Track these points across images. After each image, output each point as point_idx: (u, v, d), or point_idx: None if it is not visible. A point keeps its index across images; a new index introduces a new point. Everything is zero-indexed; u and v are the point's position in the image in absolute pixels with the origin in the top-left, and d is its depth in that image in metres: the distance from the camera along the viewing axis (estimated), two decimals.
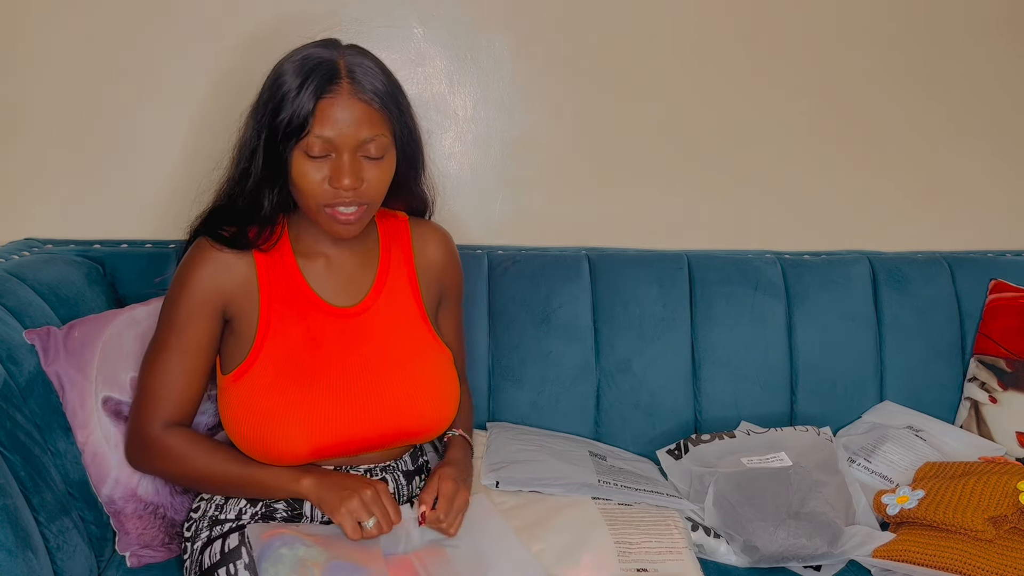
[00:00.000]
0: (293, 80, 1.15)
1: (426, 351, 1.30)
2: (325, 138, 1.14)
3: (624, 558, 1.27)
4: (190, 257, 1.25)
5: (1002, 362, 1.76)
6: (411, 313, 1.31)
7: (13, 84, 1.61)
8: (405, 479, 1.31)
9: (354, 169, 1.16)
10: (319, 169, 1.16)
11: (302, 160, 1.16)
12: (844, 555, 1.38)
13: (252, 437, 1.20)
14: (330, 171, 1.16)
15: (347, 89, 1.15)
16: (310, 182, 1.17)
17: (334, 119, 1.14)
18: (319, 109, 1.13)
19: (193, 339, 1.23)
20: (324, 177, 1.16)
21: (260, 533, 1.15)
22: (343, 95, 1.14)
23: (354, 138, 1.15)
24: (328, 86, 1.14)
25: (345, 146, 1.15)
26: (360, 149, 1.16)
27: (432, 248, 1.36)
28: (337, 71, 1.15)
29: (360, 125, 1.15)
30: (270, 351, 1.22)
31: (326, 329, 1.25)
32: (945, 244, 1.95)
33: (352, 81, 1.15)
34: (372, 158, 1.18)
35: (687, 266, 1.76)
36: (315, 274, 1.28)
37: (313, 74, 1.14)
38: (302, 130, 1.14)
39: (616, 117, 1.79)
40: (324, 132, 1.14)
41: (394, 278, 1.31)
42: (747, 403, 1.73)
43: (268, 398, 1.20)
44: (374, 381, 1.24)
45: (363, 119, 1.15)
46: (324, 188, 1.17)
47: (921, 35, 1.87)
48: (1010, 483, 1.39)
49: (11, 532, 1.05)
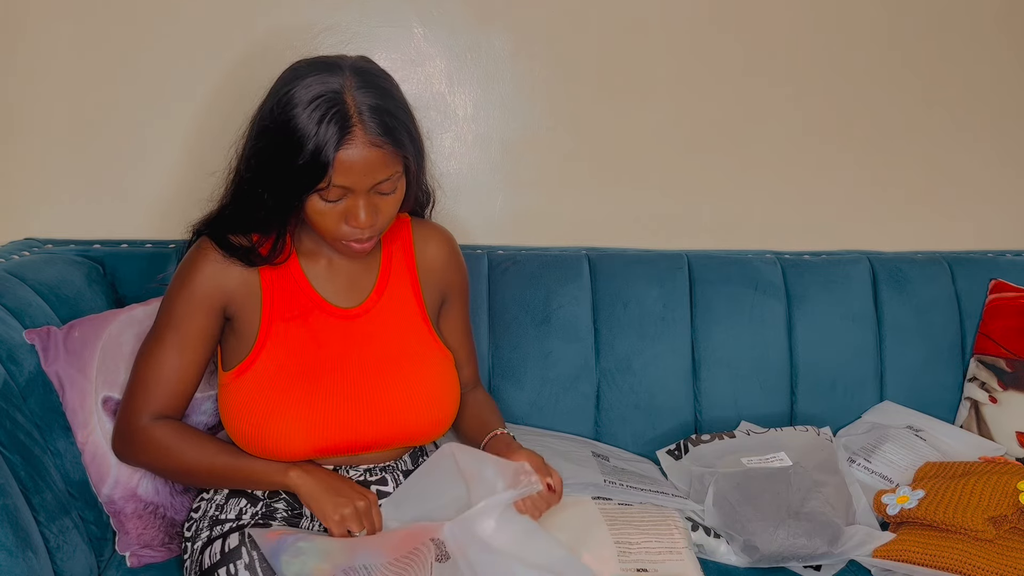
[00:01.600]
0: (306, 122, 1.12)
1: (427, 353, 1.30)
2: (341, 186, 1.14)
3: (624, 558, 1.27)
4: (193, 256, 1.25)
5: (1002, 362, 1.76)
6: (412, 314, 1.31)
7: (13, 84, 1.61)
8: (405, 479, 1.31)
9: (369, 208, 1.16)
10: (333, 209, 1.16)
11: (317, 201, 1.16)
12: (844, 555, 1.38)
13: (252, 434, 1.20)
14: (346, 210, 1.16)
15: (361, 136, 1.12)
16: (326, 221, 1.17)
17: (349, 167, 1.12)
18: (336, 160, 1.12)
19: (190, 334, 1.23)
20: (340, 215, 1.16)
21: (264, 534, 1.15)
22: (358, 143, 1.12)
23: (370, 182, 1.15)
24: (344, 136, 1.11)
25: (361, 189, 1.15)
26: (374, 188, 1.16)
27: (433, 249, 1.36)
28: (348, 115, 1.12)
29: (376, 170, 1.14)
30: (272, 350, 1.22)
31: (328, 329, 1.25)
32: (945, 244, 1.95)
33: (364, 125, 1.12)
34: (386, 193, 1.18)
35: (687, 266, 1.76)
36: (317, 274, 1.28)
37: (326, 119, 1.11)
38: (319, 180, 1.12)
39: (616, 117, 1.79)
40: (340, 181, 1.13)
41: (396, 279, 1.32)
42: (747, 403, 1.73)
43: (269, 396, 1.20)
44: (374, 382, 1.24)
45: (378, 164, 1.14)
46: (340, 227, 1.17)
47: (921, 35, 1.87)
48: (1010, 483, 1.39)
49: (11, 532, 1.05)
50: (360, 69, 1.17)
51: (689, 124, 1.82)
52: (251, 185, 1.19)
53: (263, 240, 1.24)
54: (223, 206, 1.26)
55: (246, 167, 1.19)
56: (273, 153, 1.15)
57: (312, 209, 1.16)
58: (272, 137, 1.15)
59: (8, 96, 1.61)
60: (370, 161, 1.13)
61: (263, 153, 1.16)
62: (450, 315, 1.40)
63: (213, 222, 1.26)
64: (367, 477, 1.28)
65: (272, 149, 1.15)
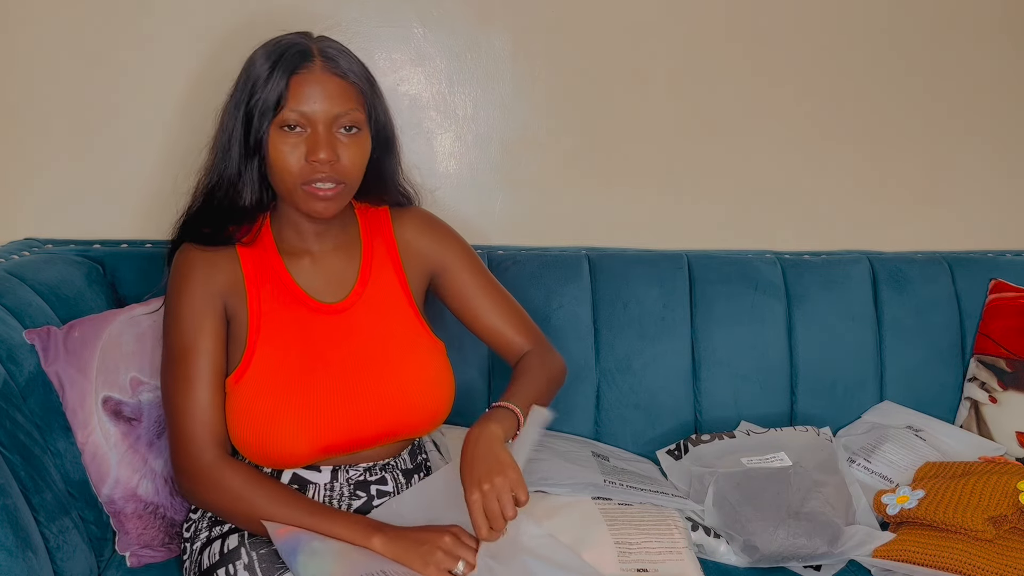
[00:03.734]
0: (264, 63, 1.18)
1: (416, 343, 1.29)
2: (299, 111, 1.16)
3: (624, 558, 1.27)
4: (178, 265, 1.24)
5: (1002, 362, 1.76)
6: (399, 305, 1.30)
7: (13, 84, 1.61)
8: (404, 477, 1.31)
9: (329, 143, 1.17)
10: (296, 147, 1.18)
11: (278, 138, 1.18)
12: (844, 555, 1.38)
13: (253, 441, 1.20)
14: (306, 146, 1.18)
15: (320, 65, 1.18)
16: (287, 160, 1.18)
17: (308, 93, 1.16)
18: (292, 84, 1.16)
19: (208, 352, 1.21)
20: (301, 154, 1.18)
21: (276, 529, 1.14)
22: (316, 70, 1.18)
23: (328, 112, 1.17)
24: (301, 63, 1.17)
25: (320, 119, 1.17)
26: (335, 123, 1.18)
27: (409, 229, 1.35)
28: (309, 51, 1.19)
29: (334, 99, 1.17)
30: (264, 351, 1.22)
31: (316, 326, 1.25)
32: (945, 244, 1.95)
33: (325, 58, 1.19)
34: (347, 131, 1.19)
35: (687, 266, 1.76)
36: (301, 271, 1.28)
37: (285, 54, 1.18)
38: (277, 106, 1.16)
39: (616, 117, 1.79)
40: (299, 106, 1.16)
41: (379, 271, 1.31)
42: (747, 403, 1.73)
43: (266, 403, 1.19)
44: (367, 378, 1.24)
45: (336, 93, 1.18)
46: (301, 165, 1.18)
47: (922, 35, 1.87)
48: (1010, 483, 1.39)
49: (11, 532, 1.05)
50: (325, 37, 1.24)
51: (689, 124, 1.82)
52: (224, 146, 1.22)
53: (237, 230, 1.26)
54: (193, 200, 1.28)
55: (220, 129, 1.24)
56: (239, 100, 1.20)
57: (274, 150, 1.18)
58: (240, 90, 1.20)
59: (8, 96, 1.61)
60: (328, 88, 1.17)
61: (229, 105, 1.22)
62: (461, 282, 1.36)
63: (184, 225, 1.28)
64: (367, 476, 1.27)
65: (238, 97, 1.20)
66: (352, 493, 1.26)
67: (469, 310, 1.37)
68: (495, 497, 1.10)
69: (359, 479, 1.27)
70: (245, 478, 1.18)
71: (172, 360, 1.22)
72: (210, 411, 1.20)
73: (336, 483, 1.25)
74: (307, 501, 1.19)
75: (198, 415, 1.19)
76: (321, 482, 1.25)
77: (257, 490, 1.17)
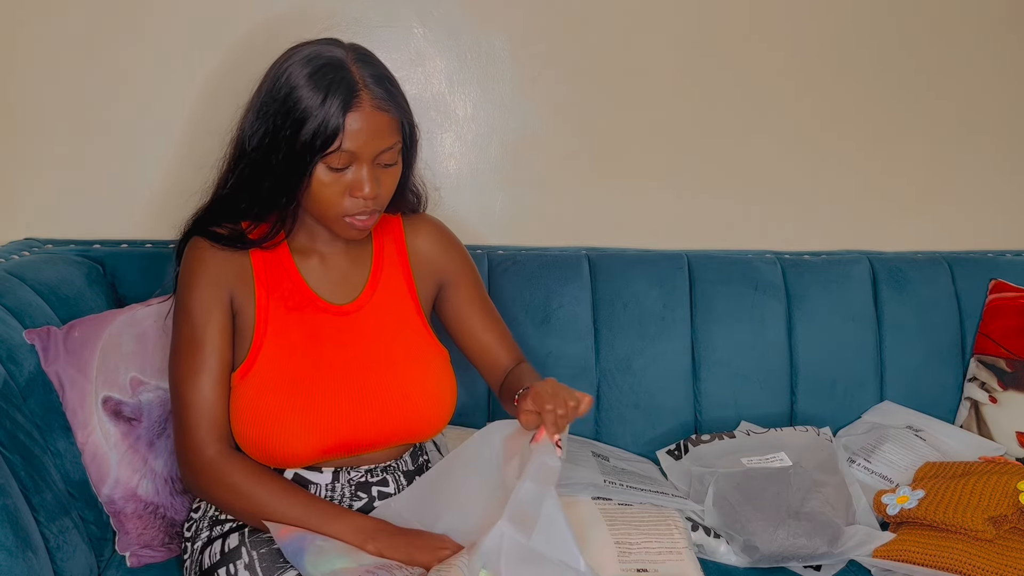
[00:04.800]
0: (311, 93, 1.13)
1: (422, 349, 1.29)
2: (349, 151, 1.14)
3: (624, 558, 1.27)
4: (189, 257, 1.25)
5: (1002, 362, 1.76)
6: (407, 310, 1.30)
7: (13, 84, 1.61)
8: (406, 479, 1.31)
9: (373, 179, 1.16)
10: (338, 180, 1.16)
11: (324, 174, 1.16)
12: (844, 555, 1.38)
13: (256, 439, 1.19)
14: (351, 182, 1.16)
15: (368, 100, 1.14)
16: (331, 194, 1.17)
17: (358, 132, 1.13)
18: (347, 124, 1.13)
19: (215, 345, 1.21)
20: (343, 188, 1.16)
21: (279, 530, 1.14)
22: (366, 107, 1.14)
23: (375, 149, 1.15)
24: (352, 99, 1.13)
25: (366, 158, 1.15)
26: (378, 158, 1.17)
27: (423, 239, 1.36)
28: (355, 81, 1.14)
29: (381, 135, 1.15)
30: (270, 348, 1.22)
31: (323, 326, 1.25)
32: (945, 244, 1.95)
33: (370, 91, 1.15)
34: (388, 165, 1.19)
35: (687, 266, 1.76)
36: (311, 271, 1.28)
37: (333, 86, 1.13)
38: (330, 144, 1.13)
39: (616, 117, 1.79)
40: (350, 146, 1.14)
41: (388, 275, 1.31)
42: (747, 403, 1.73)
43: (271, 402, 1.19)
44: (371, 380, 1.24)
45: (384, 129, 1.16)
46: (344, 199, 1.17)
47: (923, 35, 1.87)
48: (1010, 483, 1.39)
49: (11, 532, 1.05)
50: (355, 46, 1.20)
51: (689, 124, 1.82)
52: (256, 167, 1.18)
53: (252, 227, 1.25)
54: (217, 194, 1.25)
55: (252, 148, 1.18)
56: (281, 126, 1.14)
57: (318, 181, 1.16)
58: (278, 111, 1.15)
59: (8, 96, 1.61)
60: (376, 125, 1.15)
61: (270, 130, 1.16)
62: (462, 298, 1.37)
63: (202, 218, 1.26)
64: (368, 478, 1.27)
65: (279, 123, 1.15)
66: (353, 494, 1.25)
67: (464, 326, 1.38)
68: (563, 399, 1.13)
69: (360, 480, 1.27)
70: (247, 472, 1.18)
71: (179, 351, 1.22)
72: (215, 405, 1.20)
73: (337, 484, 1.25)
74: (308, 497, 1.19)
75: (203, 408, 1.19)
76: (322, 483, 1.25)
77: (258, 485, 1.18)
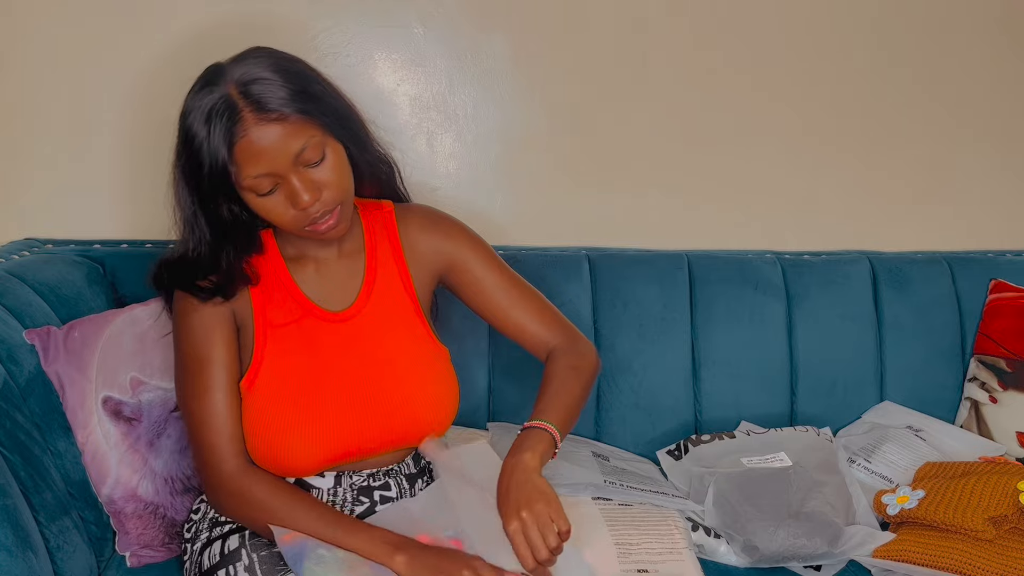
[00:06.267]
0: (201, 132, 1.09)
1: (421, 350, 1.28)
2: (259, 176, 1.09)
3: (624, 558, 1.27)
4: (182, 309, 1.21)
5: (1002, 362, 1.76)
6: (404, 311, 1.29)
7: (13, 84, 1.61)
8: (408, 482, 1.31)
9: (306, 184, 1.11)
10: (276, 200, 1.13)
11: (255, 199, 1.13)
12: (844, 555, 1.38)
13: (264, 449, 1.19)
14: (288, 197, 1.12)
15: (251, 119, 1.08)
16: (278, 213, 1.14)
17: (256, 153, 1.08)
18: (238, 151, 1.08)
19: (222, 361, 1.19)
20: (285, 204, 1.13)
21: (282, 534, 1.14)
22: (249, 127, 1.08)
23: (286, 159, 1.09)
24: (233, 127, 1.07)
25: (284, 169, 1.10)
26: (297, 163, 1.10)
27: (414, 229, 1.32)
28: (234, 103, 1.08)
29: (284, 144, 1.09)
30: (271, 359, 1.21)
31: (322, 334, 1.24)
32: (945, 244, 1.95)
33: (252, 107, 1.08)
34: (316, 163, 1.12)
35: (687, 266, 1.76)
36: (306, 279, 1.26)
37: (214, 117, 1.08)
38: (227, 178, 1.10)
39: (616, 117, 1.79)
40: (260, 170, 1.09)
41: (383, 277, 1.29)
42: (747, 403, 1.73)
43: (276, 414, 1.19)
44: (372, 386, 1.23)
45: (282, 137, 1.09)
46: (292, 215, 1.13)
47: (922, 35, 1.87)
48: (1010, 483, 1.39)
49: (11, 532, 1.05)
50: (240, 58, 1.13)
51: (689, 124, 1.82)
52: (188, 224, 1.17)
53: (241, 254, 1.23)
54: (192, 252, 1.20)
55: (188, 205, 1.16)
56: (197, 172, 1.11)
57: (260, 208, 1.14)
58: (188, 159, 1.12)
59: (8, 96, 1.61)
60: (271, 139, 1.08)
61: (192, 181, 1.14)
62: (476, 275, 1.33)
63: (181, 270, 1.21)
64: (371, 482, 1.27)
65: (194, 169, 1.12)
66: (355, 498, 1.25)
67: (489, 306, 1.33)
68: (535, 524, 1.07)
69: (362, 484, 1.26)
70: (267, 487, 1.18)
71: (185, 372, 1.21)
72: (228, 420, 1.19)
73: (340, 488, 1.25)
74: (330, 512, 1.17)
75: (217, 424, 1.18)
76: (324, 487, 1.25)
77: (278, 500, 1.17)
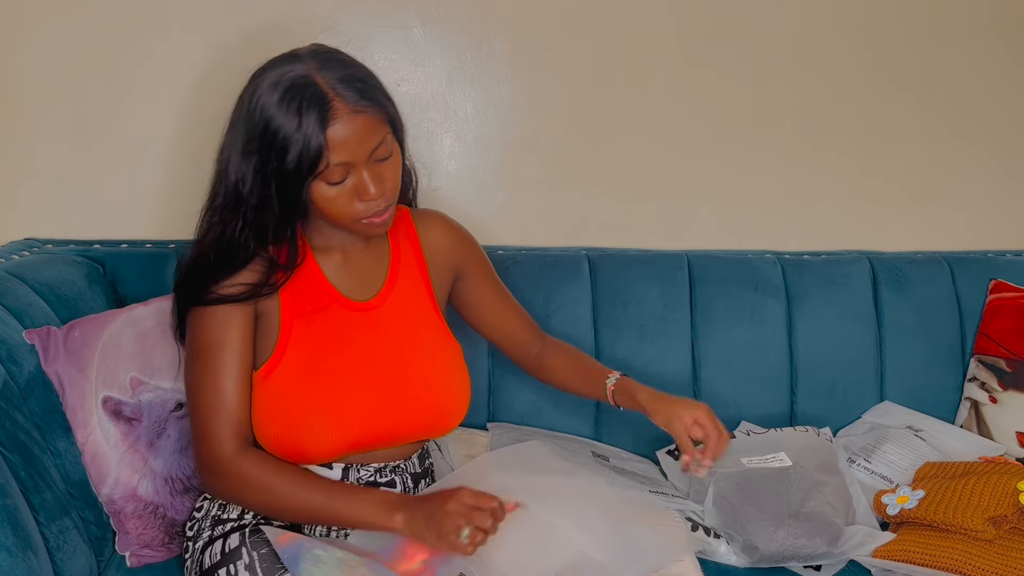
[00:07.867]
0: (286, 119, 1.11)
1: (440, 343, 1.31)
2: (341, 164, 1.13)
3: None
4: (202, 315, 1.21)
5: (1002, 362, 1.76)
6: (424, 305, 1.32)
7: (13, 84, 1.61)
8: (412, 481, 1.31)
9: (375, 178, 1.16)
10: (342, 191, 1.16)
11: (323, 189, 1.15)
12: (844, 555, 1.38)
13: (283, 436, 1.19)
14: (354, 189, 1.16)
15: (343, 108, 1.12)
16: (339, 205, 1.16)
17: (343, 141, 1.12)
18: (328, 139, 1.11)
19: (236, 347, 1.20)
20: (349, 195, 1.16)
21: (277, 536, 1.14)
22: (342, 115, 1.12)
23: (367, 151, 1.14)
24: (327, 113, 1.11)
25: (360, 161, 1.14)
26: (372, 157, 1.15)
27: (435, 232, 1.38)
28: (324, 93, 1.12)
29: (367, 136, 1.14)
30: (296, 346, 1.22)
31: (347, 323, 1.26)
32: (945, 244, 1.95)
33: (342, 97, 1.12)
34: (385, 158, 1.17)
35: (687, 266, 1.76)
36: (332, 268, 1.28)
37: (305, 105, 1.11)
38: (318, 164, 1.12)
39: (616, 117, 1.79)
40: (340, 159, 1.12)
41: (406, 269, 1.33)
42: (747, 403, 1.73)
43: (298, 398, 1.20)
44: (394, 374, 1.25)
45: (368, 129, 1.14)
46: (355, 206, 1.17)
47: (920, 36, 1.87)
48: (1010, 483, 1.39)
49: (11, 532, 1.05)
50: (316, 51, 1.17)
51: (689, 124, 1.82)
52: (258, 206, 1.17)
53: (277, 251, 1.23)
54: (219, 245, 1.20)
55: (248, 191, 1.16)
56: (267, 159, 1.13)
57: (321, 198, 1.16)
58: (260, 146, 1.13)
59: (8, 96, 1.61)
60: (359, 129, 1.13)
61: (259, 167, 1.14)
62: (477, 284, 1.42)
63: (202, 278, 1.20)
64: (377, 478, 1.28)
65: (265, 156, 1.13)
66: None
67: (483, 310, 1.44)
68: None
69: (369, 479, 1.27)
70: (262, 464, 1.18)
71: (197, 357, 1.21)
72: (236, 405, 1.19)
73: (346, 481, 1.25)
74: (327, 481, 1.19)
75: (224, 408, 1.19)
76: None
77: (276, 476, 1.18)
